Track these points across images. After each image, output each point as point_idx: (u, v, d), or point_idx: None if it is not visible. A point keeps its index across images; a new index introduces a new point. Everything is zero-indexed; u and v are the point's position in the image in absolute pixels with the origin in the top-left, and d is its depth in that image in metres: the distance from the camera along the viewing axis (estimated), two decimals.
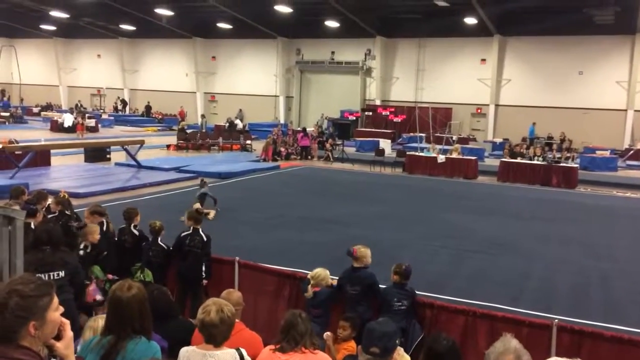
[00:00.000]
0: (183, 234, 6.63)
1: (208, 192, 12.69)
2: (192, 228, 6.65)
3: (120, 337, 2.88)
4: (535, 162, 20.47)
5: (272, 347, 3.52)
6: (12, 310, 2.07)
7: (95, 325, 3.28)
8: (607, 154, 24.81)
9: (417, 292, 5.70)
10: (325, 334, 4.76)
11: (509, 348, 2.37)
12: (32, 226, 6.06)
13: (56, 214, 7.37)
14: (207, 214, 11.49)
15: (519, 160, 20.82)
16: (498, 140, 29.79)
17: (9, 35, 45.62)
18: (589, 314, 7.19)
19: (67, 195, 7.99)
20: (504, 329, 5.04)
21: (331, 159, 24.04)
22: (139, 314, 2.92)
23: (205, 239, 6.56)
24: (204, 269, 6.47)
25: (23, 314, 2.08)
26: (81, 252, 6.01)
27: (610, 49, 28.81)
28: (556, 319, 5.27)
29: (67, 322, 2.26)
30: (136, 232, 6.93)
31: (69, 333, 2.25)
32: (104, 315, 3.15)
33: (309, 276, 5.78)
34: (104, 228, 6.69)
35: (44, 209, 7.33)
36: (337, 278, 5.86)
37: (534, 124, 29.19)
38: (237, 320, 3.56)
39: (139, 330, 2.91)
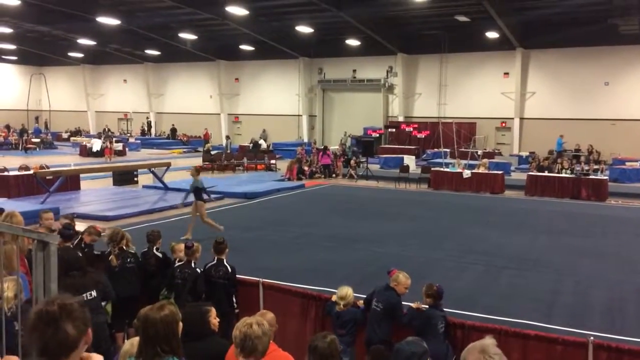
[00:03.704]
0: (208, 265, 6.48)
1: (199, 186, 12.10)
2: (216, 258, 6.49)
3: (147, 358, 2.85)
4: (563, 175, 20.16)
5: None
6: (79, 324, 2.03)
7: (131, 350, 3.29)
8: (637, 165, 24.32)
9: (447, 309, 5.63)
10: None
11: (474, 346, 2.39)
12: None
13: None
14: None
15: (546, 173, 20.51)
16: (524, 153, 29.46)
17: (38, 63, 46.98)
18: (625, 330, 7.00)
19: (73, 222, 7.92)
20: (537, 348, 4.97)
21: (355, 177, 24.02)
22: (165, 334, 2.88)
23: (229, 269, 6.40)
24: (234, 300, 6.35)
25: (85, 329, 2.04)
26: None
27: (636, 59, 28.36)
28: (591, 335, 5.14)
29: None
30: (159, 255, 6.93)
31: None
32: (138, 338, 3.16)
33: (337, 296, 5.75)
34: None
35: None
36: (364, 297, 5.84)
37: (561, 136, 28.77)
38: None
39: (167, 351, 2.87)
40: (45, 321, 2.00)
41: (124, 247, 6.69)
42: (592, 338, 4.91)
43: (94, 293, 5.29)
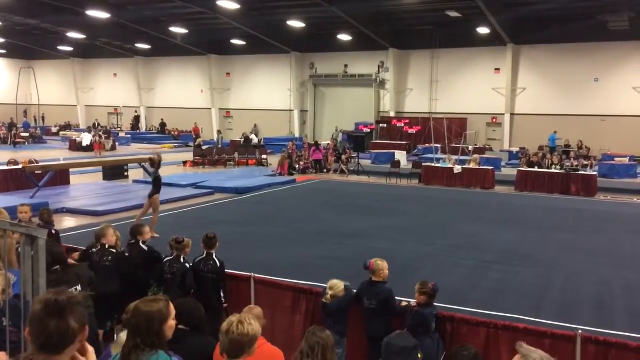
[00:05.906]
0: (197, 259, 6.45)
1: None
2: (205, 253, 6.45)
3: (131, 349, 2.75)
4: (553, 170, 20.28)
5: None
6: (80, 318, 1.99)
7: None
8: (626, 160, 24.48)
9: (438, 304, 5.65)
10: None
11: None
12: None
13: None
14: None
15: (536, 169, 20.63)
16: (515, 149, 29.56)
17: (28, 57, 46.57)
18: (613, 324, 7.06)
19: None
20: (527, 341, 4.98)
21: (347, 172, 24.03)
22: (148, 327, 2.78)
23: (218, 264, 6.37)
24: (222, 294, 6.33)
25: (84, 325, 2.01)
26: None
27: (626, 55, 28.55)
28: (579, 329, 5.18)
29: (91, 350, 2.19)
30: (145, 248, 6.85)
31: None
32: None
33: (327, 286, 5.75)
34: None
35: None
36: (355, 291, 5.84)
37: (555, 132, 28.83)
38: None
39: (149, 344, 2.76)
40: (52, 311, 1.98)
41: (105, 245, 6.61)
42: (580, 332, 4.95)
43: (78, 287, 5.25)
